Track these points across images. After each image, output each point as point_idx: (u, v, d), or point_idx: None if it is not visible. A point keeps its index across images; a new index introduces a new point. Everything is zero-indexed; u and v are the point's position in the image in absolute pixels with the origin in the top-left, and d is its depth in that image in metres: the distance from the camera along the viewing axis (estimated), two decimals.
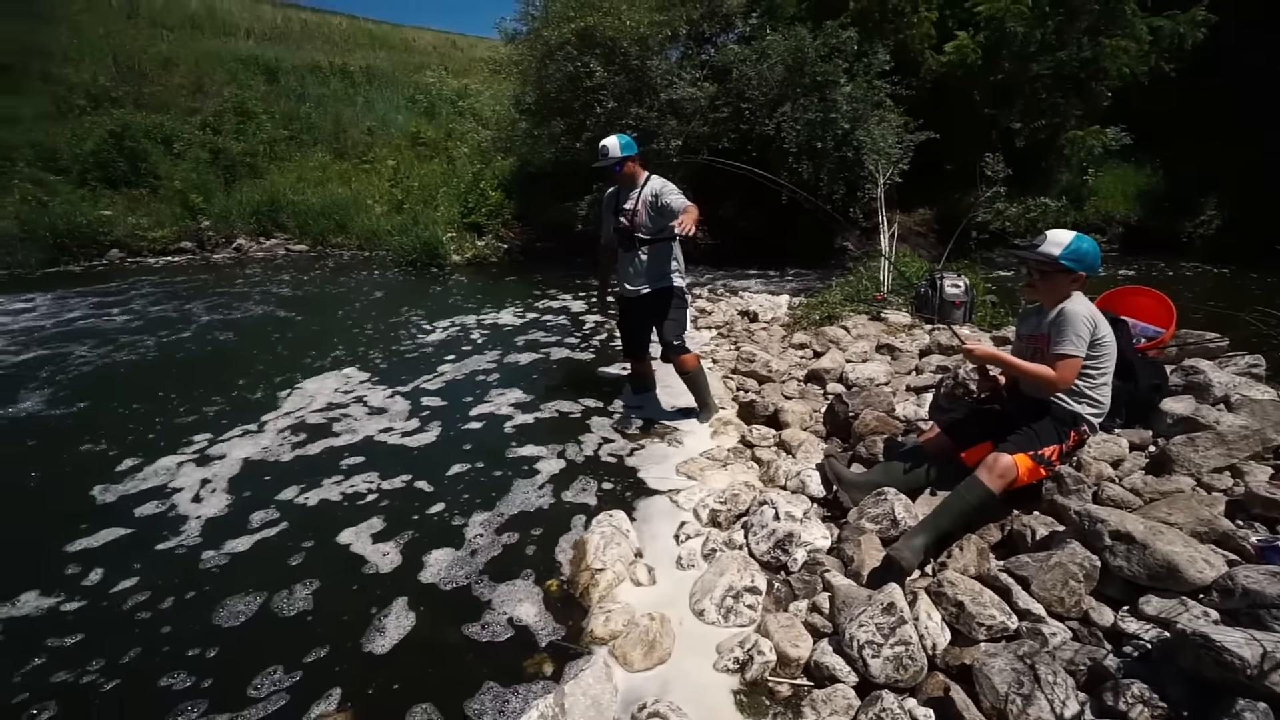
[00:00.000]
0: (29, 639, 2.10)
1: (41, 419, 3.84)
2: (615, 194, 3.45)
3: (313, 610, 2.20)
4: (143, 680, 1.93)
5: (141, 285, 7.47)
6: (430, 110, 12.54)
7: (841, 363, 3.72)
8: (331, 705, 1.81)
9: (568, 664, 1.96)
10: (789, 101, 7.33)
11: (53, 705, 1.84)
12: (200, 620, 2.15)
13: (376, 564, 2.46)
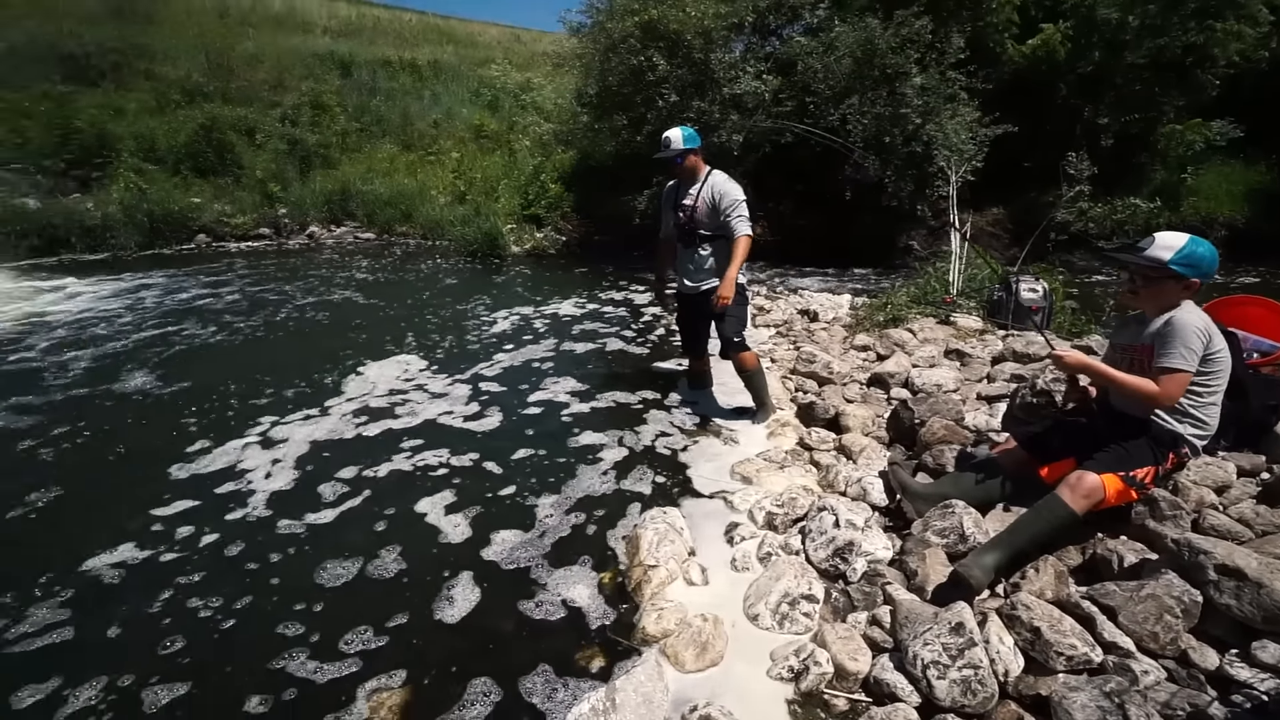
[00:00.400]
0: (136, 585, 2.32)
1: (134, 393, 4.13)
2: (675, 188, 3.42)
3: (397, 575, 2.35)
4: (256, 623, 2.13)
5: (228, 268, 7.94)
6: (493, 103, 12.80)
7: (907, 367, 3.58)
8: (400, 673, 1.90)
9: (618, 659, 1.97)
10: (856, 95, 7.09)
11: (179, 639, 2.06)
12: (305, 576, 2.34)
13: (449, 535, 2.59)
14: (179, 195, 9.70)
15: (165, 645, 2.04)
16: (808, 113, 7.27)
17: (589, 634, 2.07)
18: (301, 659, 1.96)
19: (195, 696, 1.85)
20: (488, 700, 1.83)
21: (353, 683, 1.88)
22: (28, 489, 2.88)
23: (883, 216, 7.62)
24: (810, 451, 3.10)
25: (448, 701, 1.81)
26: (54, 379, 4.31)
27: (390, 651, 2.00)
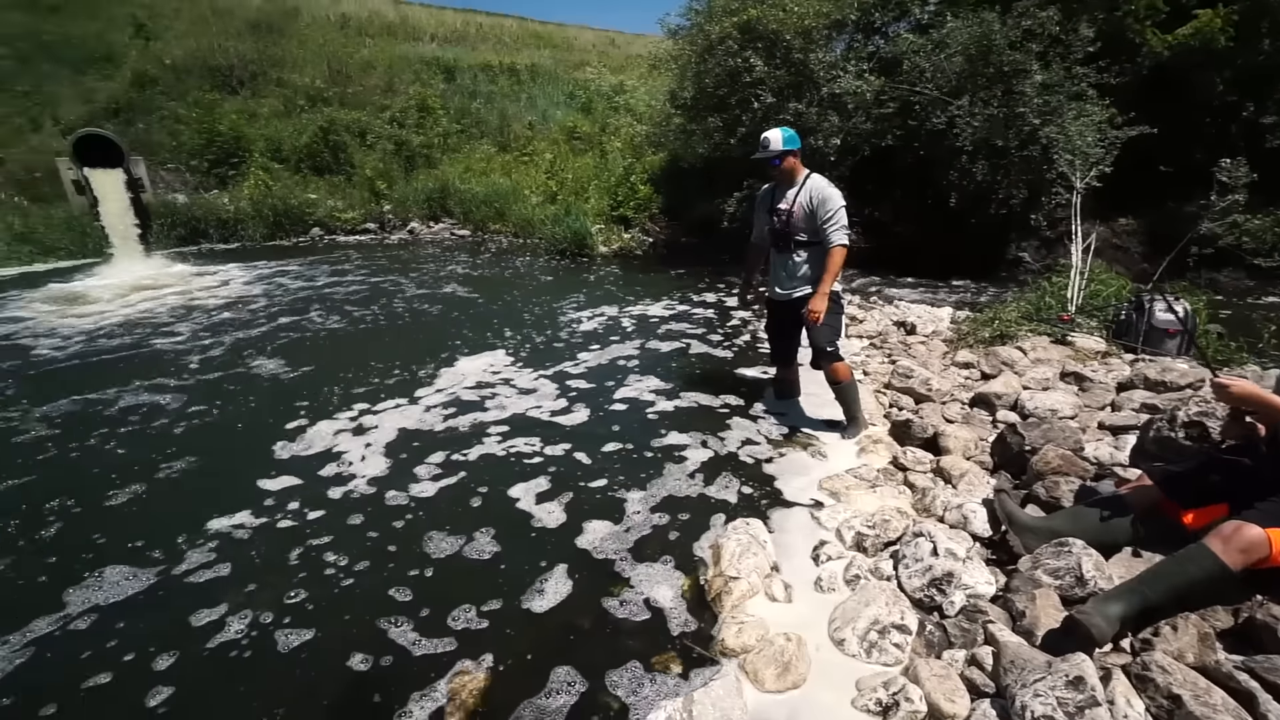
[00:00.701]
0: (260, 544, 2.57)
1: (254, 374, 4.53)
2: (771, 191, 3.33)
3: (492, 559, 2.48)
4: (370, 585, 2.32)
5: (346, 259, 8.58)
6: (587, 106, 13.09)
7: (1016, 388, 3.32)
8: (488, 656, 1.99)
9: (695, 668, 1.95)
10: (966, 94, 6.65)
11: (303, 591, 2.30)
12: (415, 549, 2.52)
13: (544, 521, 2.71)
14: (298, 192, 10.59)
15: (290, 595, 2.27)
16: (912, 115, 6.91)
17: (667, 638, 2.07)
18: (405, 627, 2.11)
19: (313, 643, 2.06)
20: (572, 690, 1.87)
21: (445, 660, 1.98)
22: (159, 459, 3.23)
23: (990, 225, 7.11)
24: (905, 472, 2.93)
25: (532, 689, 1.87)
26: (193, 359, 4.81)
27: (482, 633, 2.09)
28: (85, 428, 3.56)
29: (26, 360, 4.74)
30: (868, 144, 7.15)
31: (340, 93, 12.93)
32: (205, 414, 3.78)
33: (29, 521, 2.70)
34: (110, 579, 2.37)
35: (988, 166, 6.55)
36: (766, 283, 3.57)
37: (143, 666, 1.97)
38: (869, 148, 7.20)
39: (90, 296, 6.73)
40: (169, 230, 9.46)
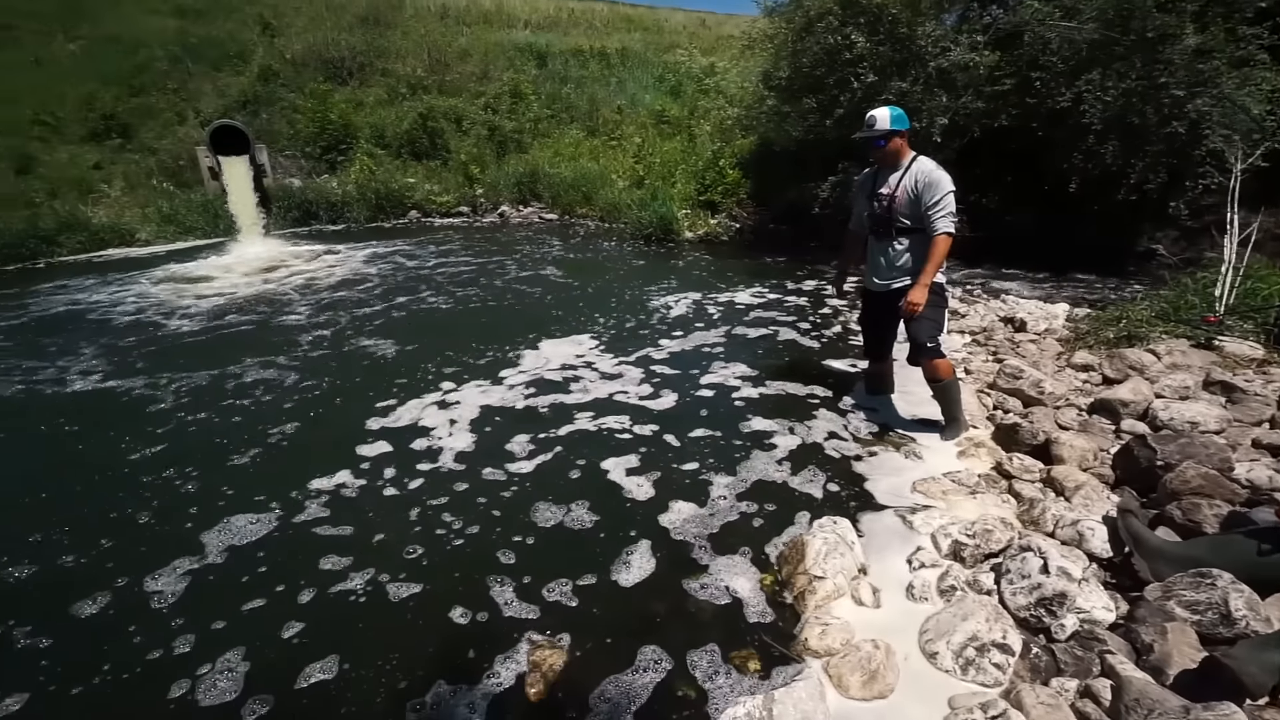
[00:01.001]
0: (372, 505, 2.77)
1: (356, 351, 4.84)
2: (873, 175, 3.15)
3: (588, 529, 2.59)
4: (479, 550, 2.48)
5: (438, 241, 8.99)
6: (676, 89, 12.93)
7: (1147, 396, 2.98)
8: (571, 629, 2.06)
9: (775, 667, 1.92)
10: (1098, 67, 5.98)
11: (416, 548, 2.49)
12: (519, 520, 2.65)
13: (634, 494, 2.82)
14: (398, 176, 11.17)
15: (409, 551, 2.47)
16: (1031, 91, 6.31)
17: (745, 630, 2.05)
18: (506, 589, 2.25)
19: (422, 595, 2.24)
20: (654, 669, 1.91)
21: (534, 625, 2.09)
22: (266, 426, 3.52)
23: (1117, 213, 6.41)
24: (1010, 480, 2.72)
25: (614, 664, 1.92)
26: (302, 335, 5.21)
27: (570, 602, 2.19)
28: (209, 397, 3.94)
29: (163, 333, 5.31)
30: (978, 124, 6.60)
31: (439, 81, 13.46)
32: (313, 388, 4.08)
33: (165, 476, 3.03)
34: (237, 525, 2.63)
35: (1119, 147, 5.87)
36: (863, 272, 3.40)
37: (275, 602, 2.22)
38: (979, 129, 6.65)
39: (218, 273, 7.45)
40: (285, 213, 10.27)
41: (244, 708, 1.82)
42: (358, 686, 1.88)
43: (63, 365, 4.55)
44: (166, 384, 4.15)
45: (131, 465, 3.14)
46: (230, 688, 1.88)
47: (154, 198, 9.76)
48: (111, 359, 4.64)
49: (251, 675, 1.92)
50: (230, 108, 11.59)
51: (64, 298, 6.49)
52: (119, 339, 5.11)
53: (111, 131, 10.59)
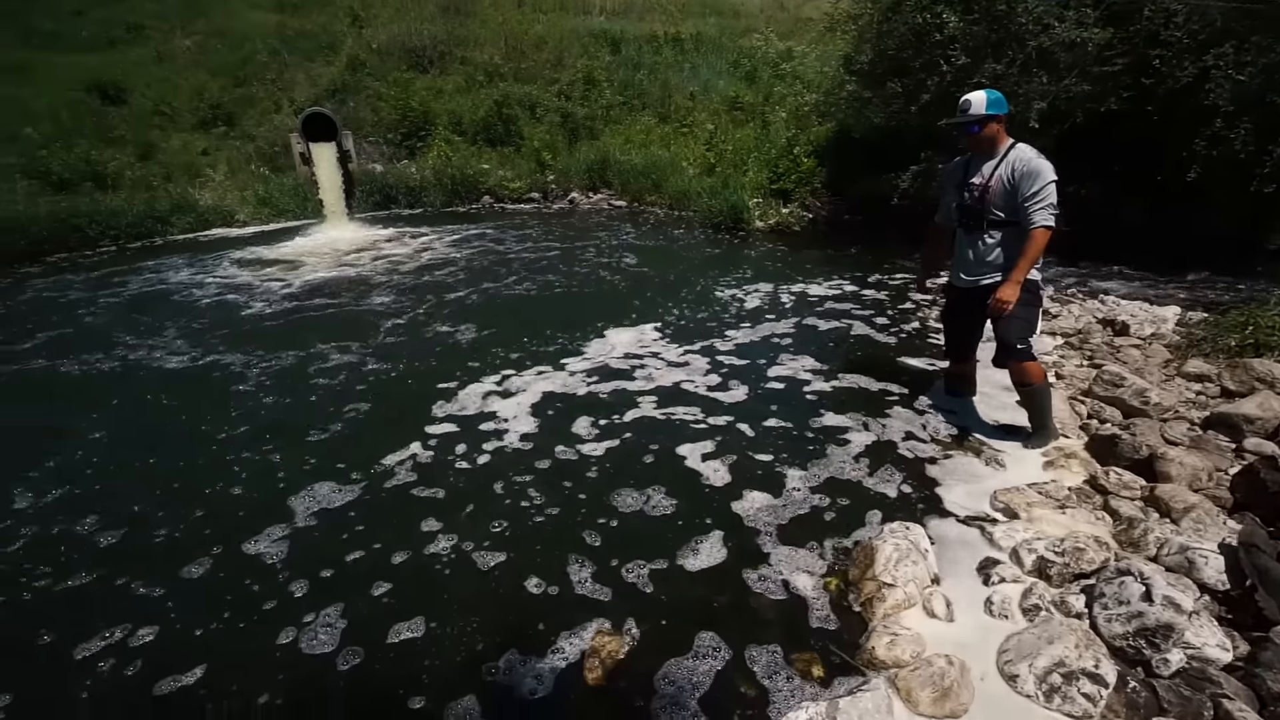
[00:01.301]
0: (459, 484, 2.89)
1: (431, 335, 5.01)
2: (965, 163, 2.95)
3: (661, 514, 2.61)
4: (562, 527, 2.56)
5: (510, 226, 9.19)
6: (751, 74, 12.61)
7: (1278, 412, 2.67)
8: (638, 607, 2.11)
9: (837, 673, 1.87)
10: (1231, 40, 5.35)
11: (501, 521, 2.59)
12: (598, 501, 2.71)
13: (710, 479, 2.84)
14: (473, 162, 11.47)
15: (494, 525, 2.57)
16: (1148, 70, 5.73)
17: (807, 632, 2.00)
18: (581, 568, 2.31)
19: (504, 565, 2.35)
20: (714, 657, 1.91)
21: (602, 606, 2.13)
22: (343, 405, 3.68)
23: (1243, 206, 5.75)
24: (1105, 495, 2.51)
25: (676, 648, 1.94)
26: (379, 318, 5.45)
27: (638, 583, 2.22)
28: (294, 374, 4.17)
29: (251, 312, 5.66)
30: (1081, 109, 6.06)
31: (514, 68, 13.68)
32: (392, 368, 4.25)
33: (251, 448, 3.23)
34: (321, 493, 2.79)
35: (1253, 131, 5.24)
36: (949, 267, 3.20)
37: (368, 564, 2.38)
38: (1082, 113, 6.11)
39: (306, 254, 7.89)
40: (367, 196, 10.77)
41: (339, 658, 1.96)
42: (440, 645, 2.00)
43: (166, 339, 4.96)
44: (255, 359, 4.43)
45: (223, 437, 3.36)
46: (328, 640, 2.03)
47: (252, 182, 10.46)
48: (207, 336, 5.00)
49: (347, 630, 2.07)
50: (321, 96, 12.22)
51: (174, 275, 7.06)
52: (214, 317, 5.51)
53: (218, 120, 11.39)
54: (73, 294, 6.34)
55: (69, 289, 6.55)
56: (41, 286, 6.71)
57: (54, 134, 9.78)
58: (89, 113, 10.56)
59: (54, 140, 9.59)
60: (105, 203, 8.82)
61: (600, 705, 1.79)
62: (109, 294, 6.29)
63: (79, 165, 9.31)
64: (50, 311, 5.78)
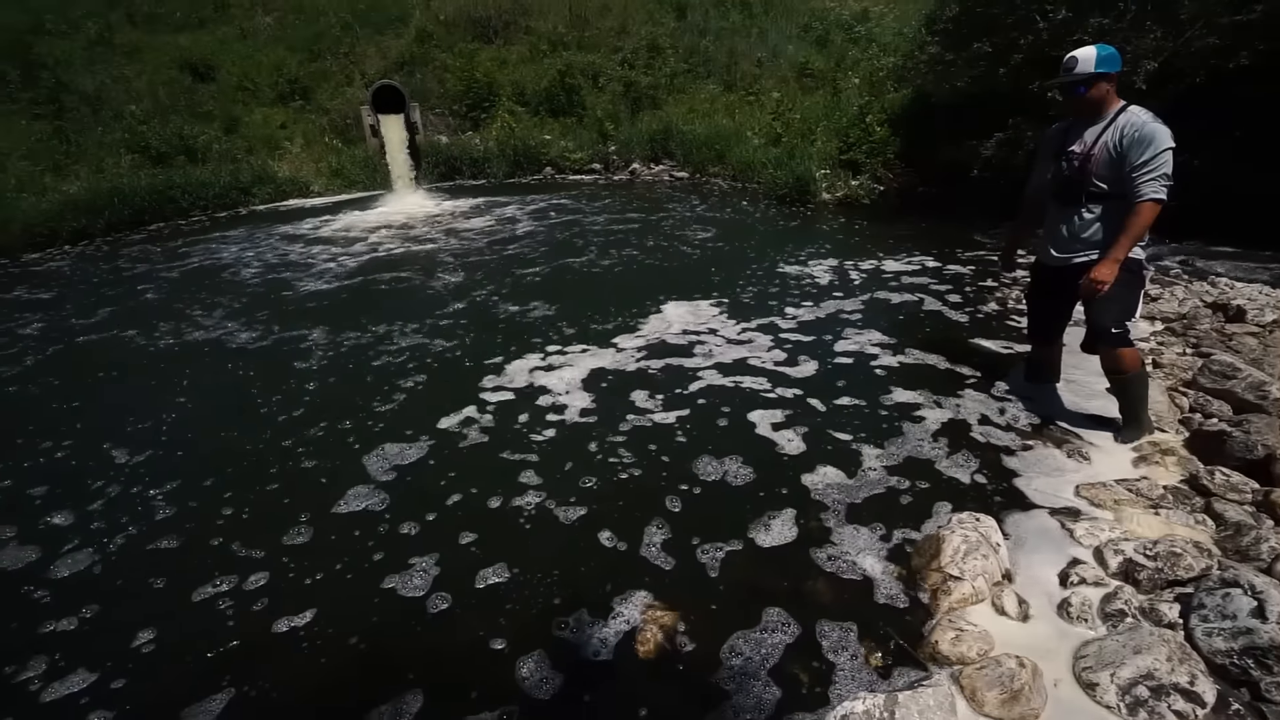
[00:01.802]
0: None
1: (494, 309, 5.09)
2: (1064, 130, 2.67)
3: (734, 486, 2.60)
4: (643, 491, 2.60)
5: (572, 197, 9.17)
6: (823, 39, 11.98)
7: None
8: (699, 583, 2.11)
9: (897, 666, 1.80)
10: None
11: (589, 478, 2.69)
12: (678, 468, 2.74)
13: (784, 448, 2.83)
14: (536, 133, 11.49)
15: (583, 482, 2.65)
16: None
17: (869, 620, 1.93)
18: (656, 542, 2.31)
19: (584, 523, 2.42)
20: (782, 631, 1.90)
21: (671, 574, 2.15)
22: (403, 375, 3.79)
23: None
24: (1208, 497, 2.28)
25: (731, 628, 1.92)
26: (443, 290, 5.57)
27: (706, 559, 2.21)
28: (361, 348, 4.29)
29: (323, 285, 5.90)
30: (1204, 67, 5.40)
31: (578, 37, 13.53)
32: (458, 338, 4.36)
33: (320, 413, 3.37)
34: (391, 452, 2.91)
35: None
36: (1037, 243, 2.96)
37: (455, 515, 2.51)
38: (1203, 73, 5.45)
39: (375, 225, 8.15)
40: (432, 168, 10.99)
41: (428, 601, 2.09)
42: (520, 594, 2.09)
43: (241, 309, 5.23)
44: (325, 329, 4.62)
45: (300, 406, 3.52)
46: (421, 585, 2.16)
47: (325, 154, 10.86)
48: (281, 306, 5.25)
49: (438, 576, 2.19)
50: (390, 69, 12.48)
51: (254, 245, 7.47)
52: (287, 288, 5.77)
53: (295, 94, 11.84)
54: (164, 262, 6.81)
55: (159, 259, 7.04)
56: (137, 255, 7.24)
57: (152, 110, 10.44)
58: (182, 90, 11.19)
59: (152, 116, 10.24)
60: (195, 175, 9.39)
61: (661, 673, 1.79)
62: (199, 260, 6.73)
63: (173, 139, 9.92)
64: (142, 280, 6.23)
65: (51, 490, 2.81)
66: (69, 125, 9.66)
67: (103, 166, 9.21)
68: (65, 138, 9.49)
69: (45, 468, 3.00)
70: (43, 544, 2.47)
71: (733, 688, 1.73)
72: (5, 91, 9.71)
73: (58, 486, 2.84)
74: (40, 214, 7.77)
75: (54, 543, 2.47)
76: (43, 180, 8.56)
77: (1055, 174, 2.67)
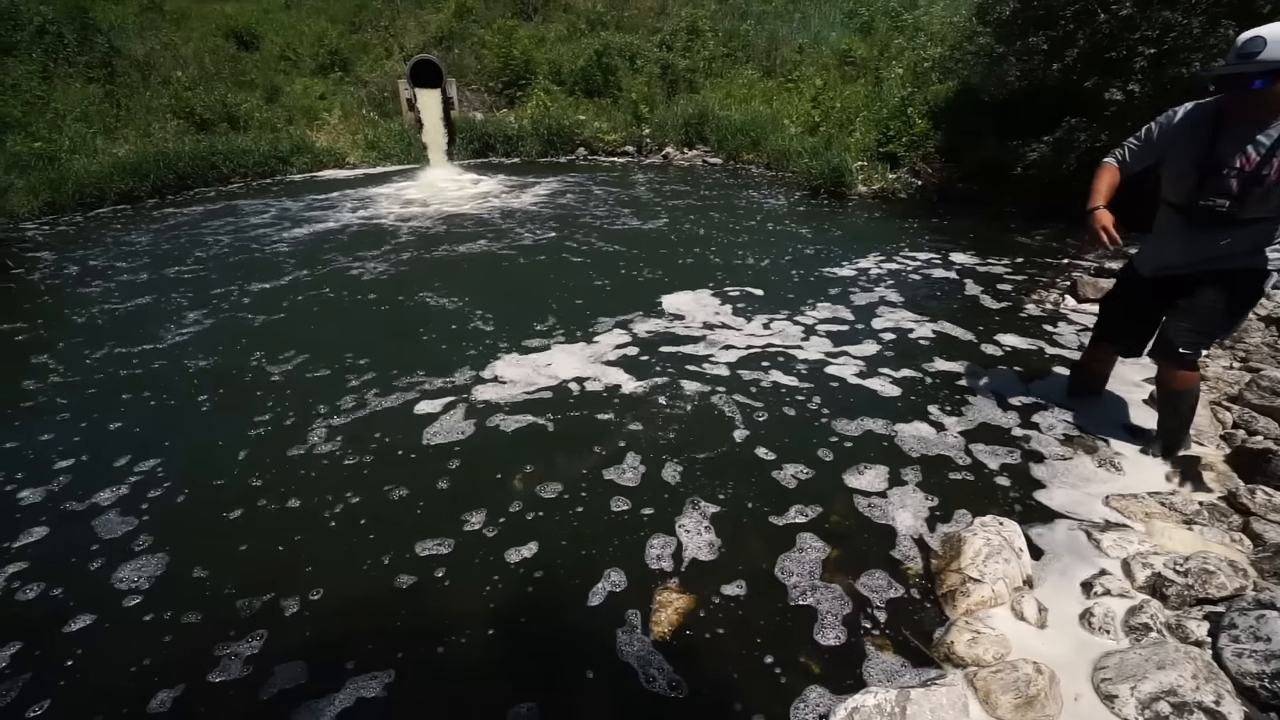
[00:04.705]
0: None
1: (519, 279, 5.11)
2: (1210, 124, 2.06)
3: (757, 475, 2.60)
4: (680, 469, 2.60)
5: (603, 179, 9.13)
6: (867, 25, 11.65)
7: None
8: (713, 569, 2.08)
9: (911, 664, 1.80)
10: None
11: (621, 461, 2.69)
12: (694, 446, 2.79)
13: (807, 441, 2.81)
14: (570, 113, 11.43)
15: (628, 459, 2.70)
16: None
17: (883, 614, 1.93)
18: (685, 524, 2.32)
19: (632, 494, 2.49)
20: (787, 629, 1.89)
21: (693, 559, 2.16)
22: (414, 330, 3.88)
23: None
24: (1247, 516, 2.21)
25: (741, 613, 1.94)
26: (486, 265, 5.60)
27: (726, 546, 2.22)
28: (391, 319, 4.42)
29: (356, 257, 6.02)
30: None
31: (617, 17, 13.39)
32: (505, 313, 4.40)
33: (363, 384, 3.49)
34: (465, 428, 2.97)
35: None
36: (1140, 259, 2.54)
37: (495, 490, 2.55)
38: None
39: (409, 197, 8.23)
40: (466, 144, 11.03)
41: (435, 578, 2.13)
42: (563, 571, 2.13)
43: (288, 271, 5.37)
44: (359, 297, 4.75)
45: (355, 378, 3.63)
46: (433, 561, 2.20)
47: (362, 126, 10.97)
48: (315, 276, 5.39)
49: (453, 552, 2.24)
50: (428, 43, 12.52)
51: (290, 214, 7.60)
52: (320, 259, 5.89)
53: (335, 65, 11.96)
54: (206, 225, 6.98)
55: (200, 221, 7.21)
56: (173, 219, 7.43)
57: (198, 77, 10.64)
58: (226, 58, 11.38)
59: (198, 83, 10.44)
60: (237, 142, 9.57)
61: (673, 656, 1.81)
62: (240, 227, 6.88)
63: (217, 106, 10.12)
64: (170, 246, 6.39)
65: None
66: (119, 90, 9.91)
67: (149, 131, 9.44)
68: (116, 102, 9.74)
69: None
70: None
71: (743, 674, 1.74)
72: (63, 54, 9.97)
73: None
74: (91, 175, 8.02)
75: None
76: (94, 142, 8.81)
77: (1196, 195, 2.10)
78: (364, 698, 1.71)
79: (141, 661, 1.83)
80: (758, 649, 1.81)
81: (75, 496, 2.55)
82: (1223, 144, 2.02)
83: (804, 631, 1.87)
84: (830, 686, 1.70)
